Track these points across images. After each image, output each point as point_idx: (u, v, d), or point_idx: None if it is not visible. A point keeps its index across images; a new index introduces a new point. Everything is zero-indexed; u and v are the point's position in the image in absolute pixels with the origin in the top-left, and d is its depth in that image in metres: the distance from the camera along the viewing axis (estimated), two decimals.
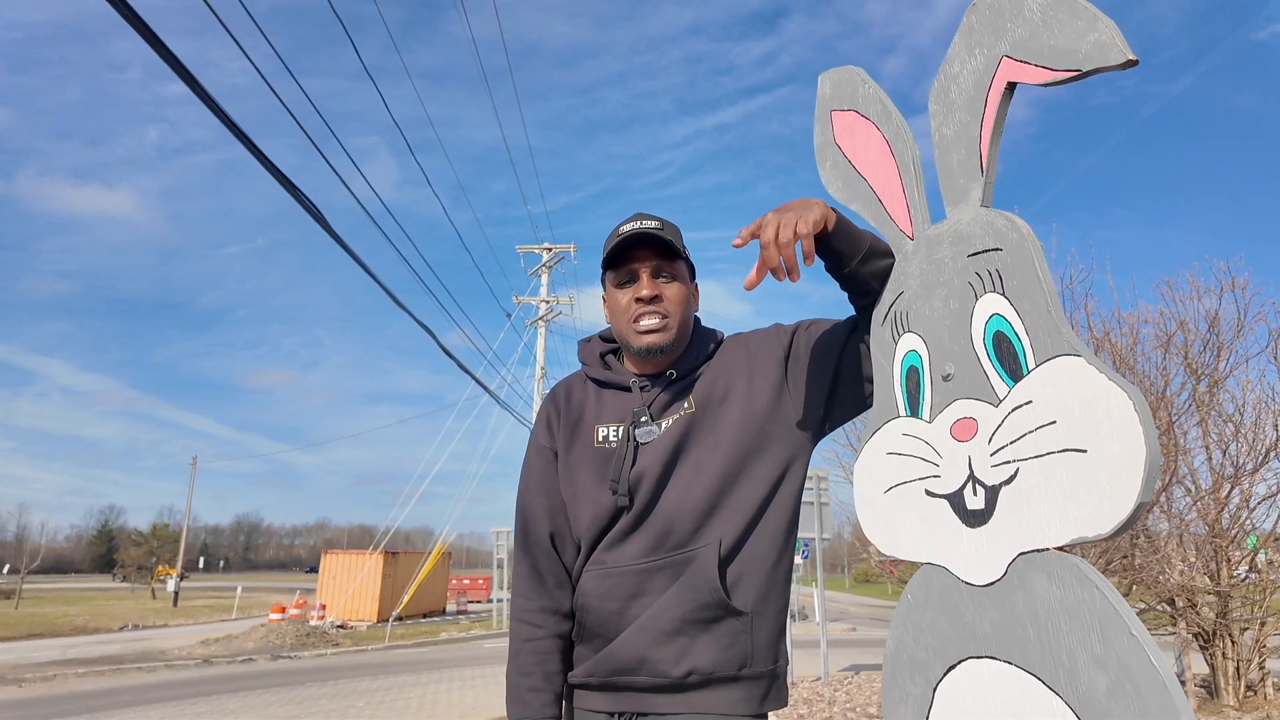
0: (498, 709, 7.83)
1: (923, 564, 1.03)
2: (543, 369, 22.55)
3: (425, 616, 22.99)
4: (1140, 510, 0.76)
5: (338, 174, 7.33)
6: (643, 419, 1.38)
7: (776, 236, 1.10)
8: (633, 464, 1.34)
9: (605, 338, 1.55)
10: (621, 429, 1.39)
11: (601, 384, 1.48)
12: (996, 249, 0.95)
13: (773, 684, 1.29)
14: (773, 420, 1.34)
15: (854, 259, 1.17)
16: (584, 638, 1.34)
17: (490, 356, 18.22)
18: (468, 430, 21.68)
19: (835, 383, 1.31)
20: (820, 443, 1.42)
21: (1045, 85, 0.91)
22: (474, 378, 15.72)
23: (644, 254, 1.40)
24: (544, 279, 23.15)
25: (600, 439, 1.41)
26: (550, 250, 23.22)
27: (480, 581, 31.97)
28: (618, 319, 1.43)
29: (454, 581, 29.31)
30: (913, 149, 1.13)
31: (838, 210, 1.20)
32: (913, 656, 1.03)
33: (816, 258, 1.16)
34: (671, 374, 1.41)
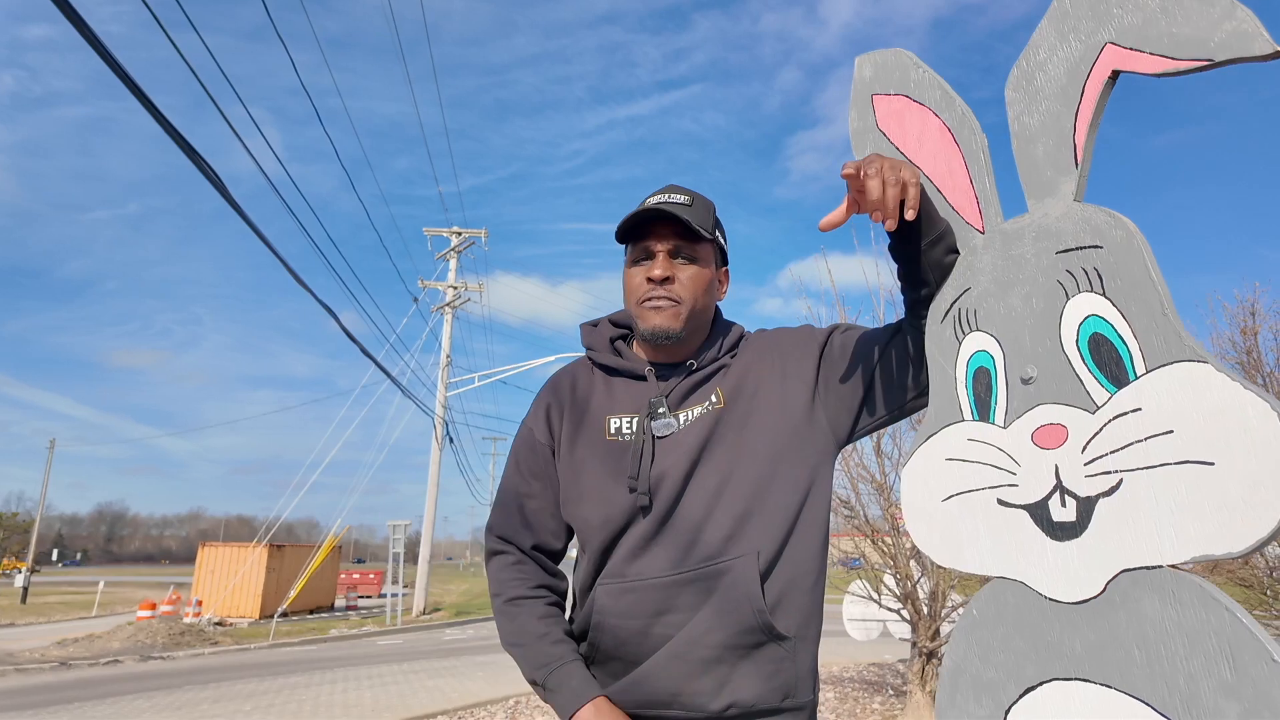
0: (400, 710, 7.49)
1: (992, 578, 0.97)
2: (448, 356, 21.88)
3: (312, 612, 21.87)
4: None
5: (238, 135, 6.78)
6: (660, 410, 1.26)
7: (883, 171, 0.99)
8: (652, 460, 1.22)
9: (615, 321, 1.42)
10: (636, 420, 1.27)
11: (611, 371, 1.35)
12: (1095, 246, 0.90)
13: (811, 716, 1.21)
14: (804, 424, 1.25)
15: (926, 237, 1.08)
16: (599, 659, 1.22)
17: (393, 340, 17.39)
18: (363, 418, 20.69)
19: (870, 390, 1.23)
20: None
21: (1161, 75, 0.86)
22: (376, 363, 15.08)
23: (664, 231, 1.28)
24: (452, 264, 22.45)
25: (612, 431, 1.28)
26: (460, 234, 22.53)
27: (371, 576, 30.80)
28: (629, 297, 1.33)
29: (343, 576, 28.09)
30: (980, 138, 1.07)
31: None
32: (978, 676, 0.97)
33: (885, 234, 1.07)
34: (691, 364, 1.30)
